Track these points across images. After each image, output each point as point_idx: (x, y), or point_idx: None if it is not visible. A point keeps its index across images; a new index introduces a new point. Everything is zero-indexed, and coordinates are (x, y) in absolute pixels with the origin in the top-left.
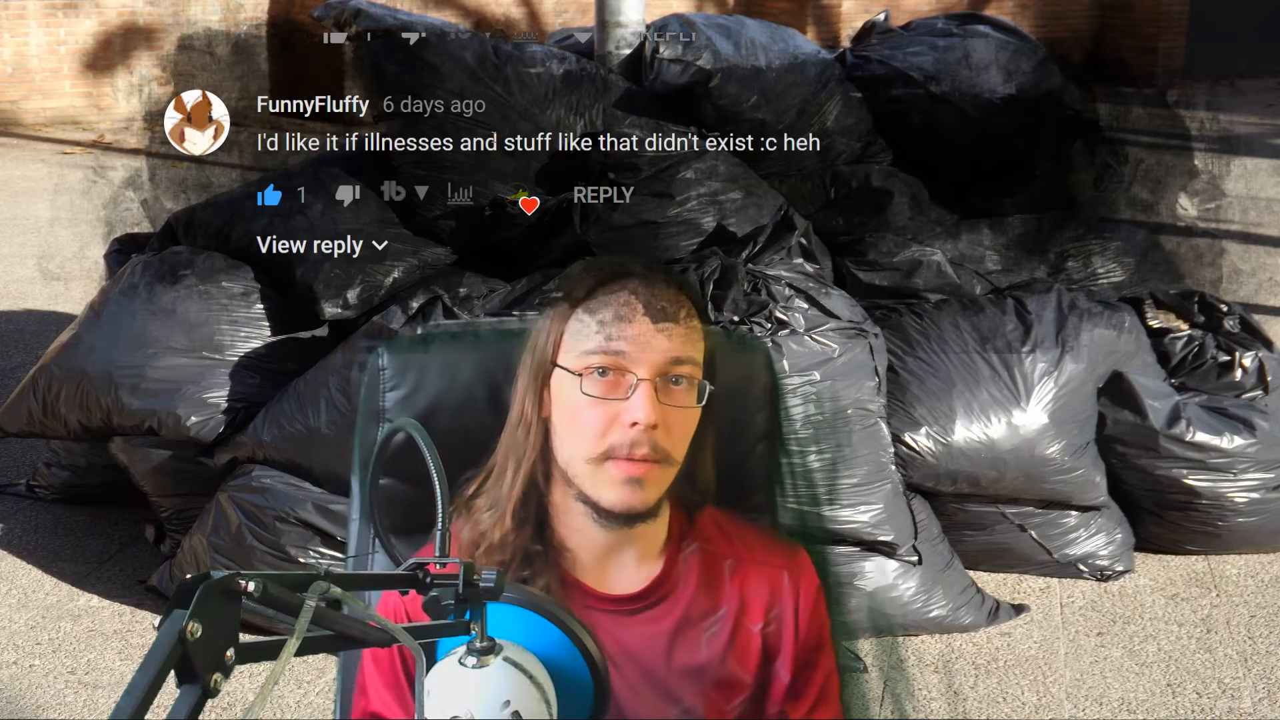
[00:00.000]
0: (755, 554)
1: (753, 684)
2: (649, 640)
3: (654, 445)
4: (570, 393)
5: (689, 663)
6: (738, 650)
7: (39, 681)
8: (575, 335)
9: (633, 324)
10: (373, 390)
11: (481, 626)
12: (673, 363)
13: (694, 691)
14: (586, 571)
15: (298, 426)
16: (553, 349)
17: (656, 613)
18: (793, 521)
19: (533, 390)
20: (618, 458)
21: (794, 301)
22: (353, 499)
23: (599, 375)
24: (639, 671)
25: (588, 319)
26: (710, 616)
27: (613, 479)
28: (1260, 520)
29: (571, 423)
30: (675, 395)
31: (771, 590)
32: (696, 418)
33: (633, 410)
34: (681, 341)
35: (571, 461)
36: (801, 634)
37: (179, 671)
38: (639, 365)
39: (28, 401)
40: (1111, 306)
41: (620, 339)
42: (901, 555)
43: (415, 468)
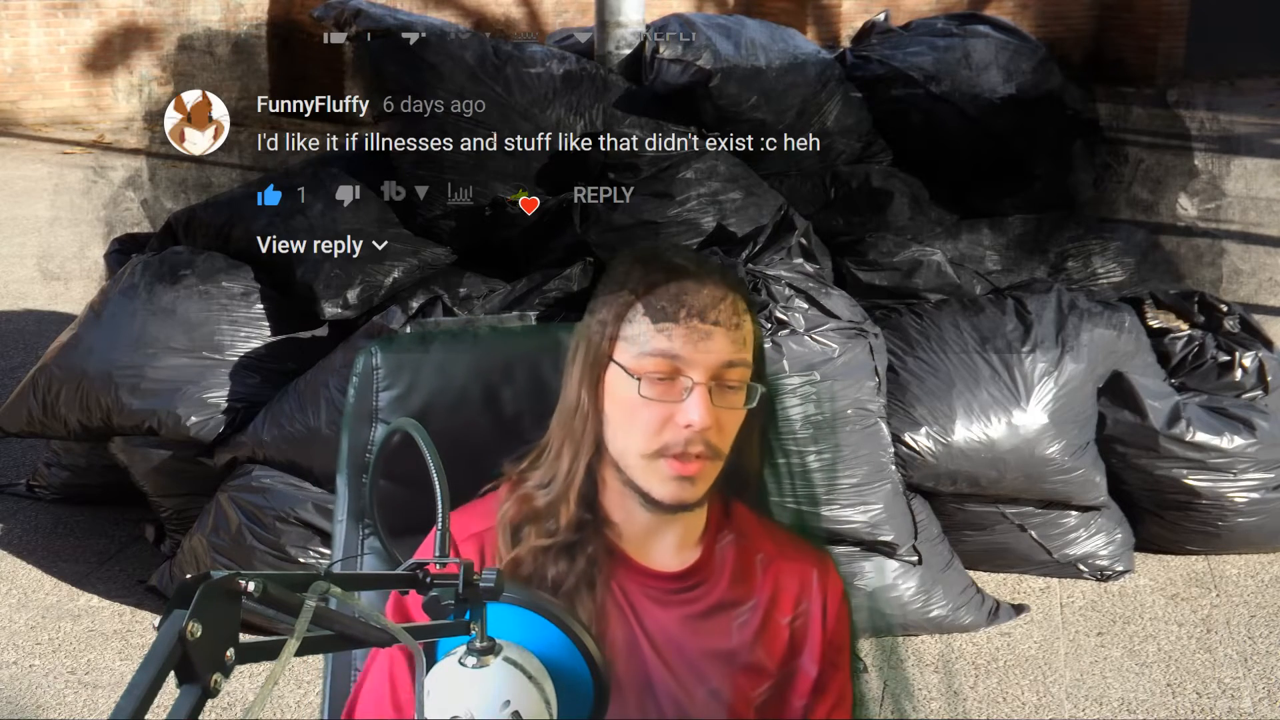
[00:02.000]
0: (786, 551)
1: (777, 674)
2: (684, 621)
3: (706, 444)
4: (627, 391)
5: (719, 647)
6: (766, 640)
7: (39, 681)
8: (632, 333)
9: (689, 326)
10: (365, 390)
11: (481, 626)
12: (726, 366)
13: (722, 674)
14: (630, 545)
15: (298, 426)
16: (609, 344)
17: (693, 595)
18: (790, 521)
19: (589, 381)
20: (670, 455)
21: (794, 301)
22: (339, 500)
23: (656, 378)
24: (673, 649)
25: (645, 318)
26: (742, 605)
27: (664, 475)
28: (1260, 520)
29: (628, 418)
30: (728, 398)
31: (801, 586)
32: (744, 415)
33: (688, 413)
34: (734, 344)
35: (625, 453)
36: (829, 632)
37: (179, 671)
38: (694, 369)
39: (28, 401)
40: (1111, 306)
41: (677, 342)
42: (901, 555)
43: (407, 468)
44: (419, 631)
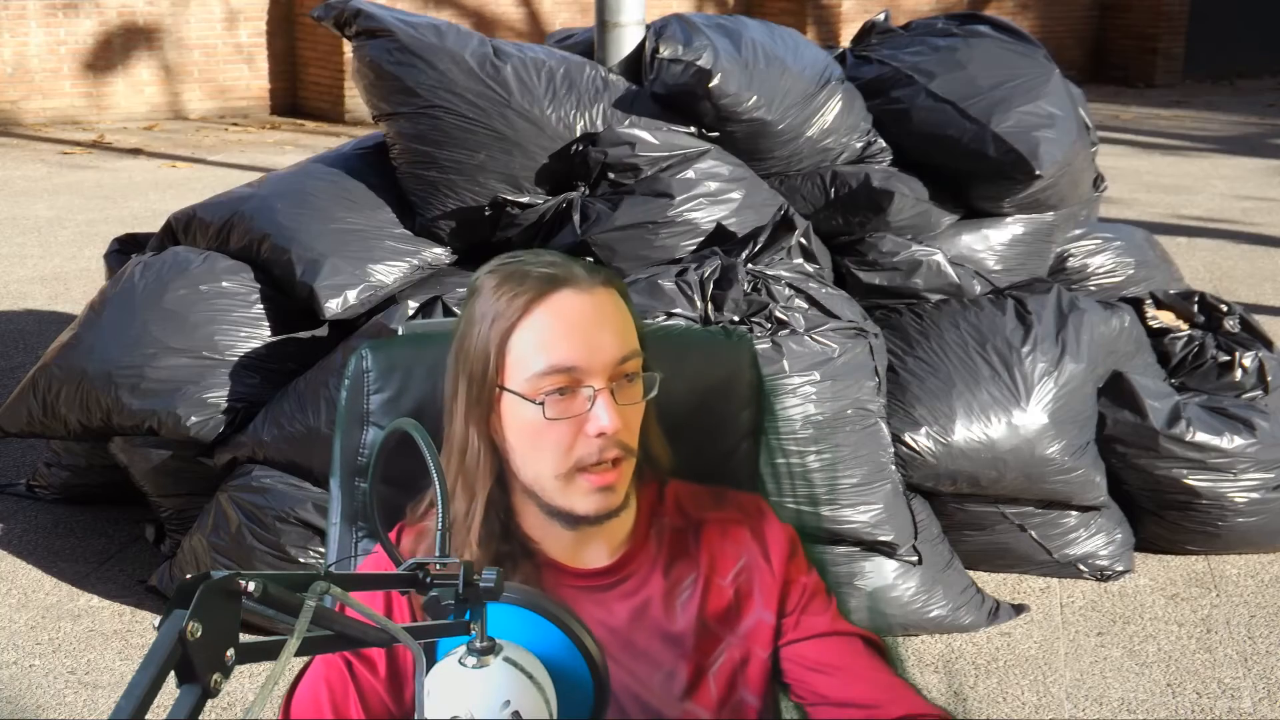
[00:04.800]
0: (718, 514)
1: (730, 634)
2: (627, 613)
3: (620, 446)
4: (528, 416)
5: (666, 630)
6: (711, 607)
7: (39, 681)
8: (519, 356)
9: (577, 334)
10: (356, 392)
11: (481, 626)
12: (621, 362)
13: (674, 656)
14: (561, 556)
15: (298, 426)
16: (496, 372)
17: (631, 585)
18: (790, 521)
19: (476, 415)
20: (587, 467)
21: (794, 301)
22: (332, 503)
23: (559, 395)
24: (620, 644)
25: (529, 337)
26: (682, 583)
27: (584, 490)
28: (1260, 520)
29: (534, 442)
30: (629, 393)
31: (735, 543)
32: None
33: (598, 421)
34: (622, 336)
35: (540, 478)
36: (777, 575)
37: (179, 671)
38: (592, 375)
39: (28, 401)
40: (1111, 306)
41: (569, 354)
42: (901, 555)
43: (398, 470)
44: (419, 631)
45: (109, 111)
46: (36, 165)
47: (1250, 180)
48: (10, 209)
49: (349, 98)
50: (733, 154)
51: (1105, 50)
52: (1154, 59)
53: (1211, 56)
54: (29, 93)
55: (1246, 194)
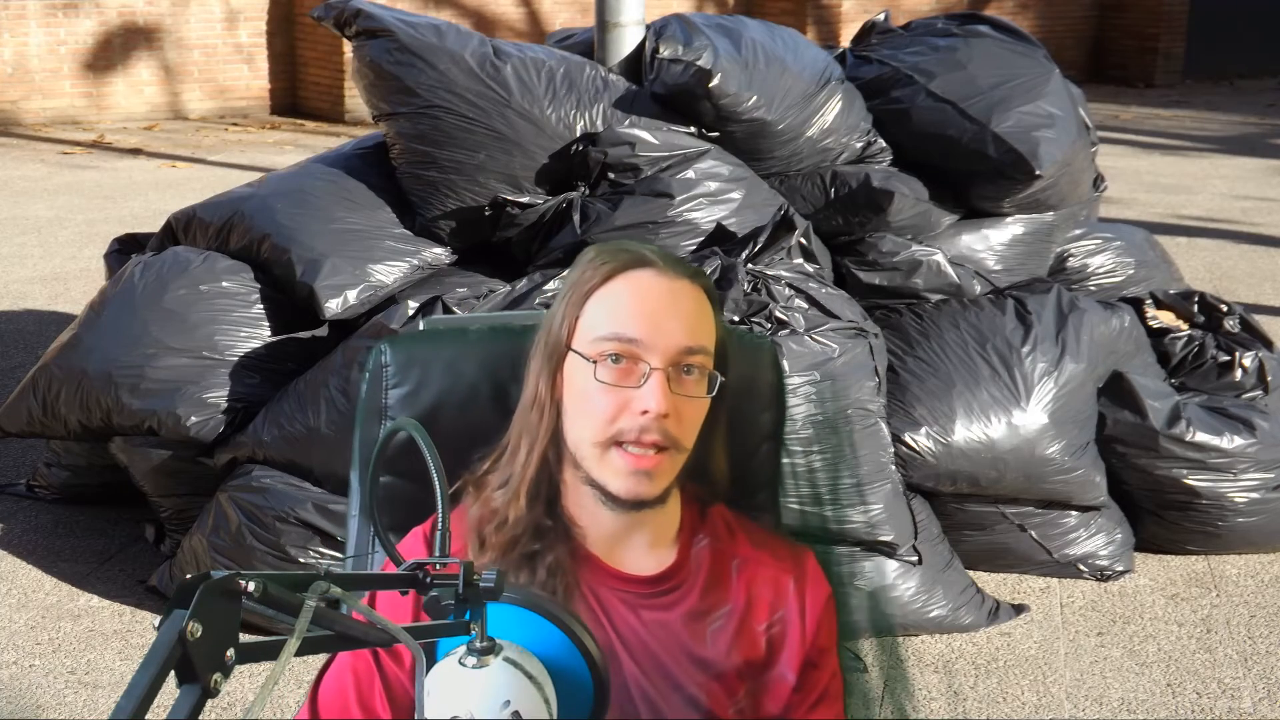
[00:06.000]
0: (762, 555)
1: (753, 681)
2: (659, 626)
3: (664, 432)
4: (583, 377)
5: (694, 653)
6: (742, 647)
7: (39, 681)
8: (590, 320)
9: (647, 312)
10: (375, 387)
11: (481, 626)
12: (685, 352)
13: (697, 681)
14: (599, 548)
15: (298, 426)
16: (567, 333)
17: (668, 600)
18: (795, 522)
19: (546, 372)
20: (626, 443)
21: (794, 301)
22: (351, 496)
23: (612, 362)
24: (647, 654)
25: (602, 305)
26: (716, 611)
27: (619, 469)
28: (1260, 520)
29: (582, 406)
30: (687, 385)
31: (777, 593)
32: (706, 407)
33: (644, 398)
34: (694, 331)
35: (580, 443)
36: (808, 638)
37: (179, 671)
38: (652, 354)
39: (28, 401)
40: (1111, 306)
41: (634, 326)
42: (901, 555)
43: (415, 465)
44: (419, 631)
45: (109, 111)
46: (36, 165)
47: (1250, 180)
48: (10, 209)
49: (349, 98)
50: (733, 154)
51: (1105, 50)
52: (1154, 59)
53: (1211, 56)
54: (29, 93)
55: (1246, 194)
